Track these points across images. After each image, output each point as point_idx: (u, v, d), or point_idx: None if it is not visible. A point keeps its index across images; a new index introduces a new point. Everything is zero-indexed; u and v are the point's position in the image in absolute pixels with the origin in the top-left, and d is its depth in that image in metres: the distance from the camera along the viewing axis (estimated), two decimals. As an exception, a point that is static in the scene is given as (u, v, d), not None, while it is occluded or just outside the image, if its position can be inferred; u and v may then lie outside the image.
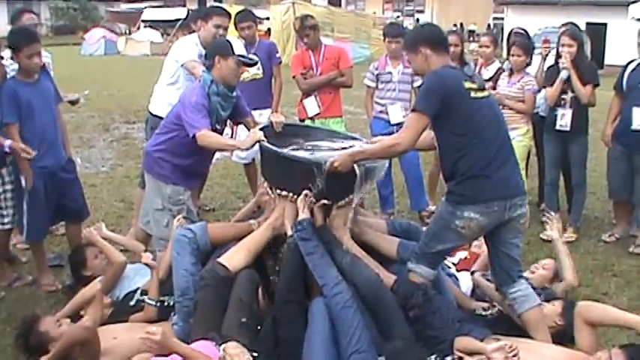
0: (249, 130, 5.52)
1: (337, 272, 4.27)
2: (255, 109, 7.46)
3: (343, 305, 4.06)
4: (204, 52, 6.15)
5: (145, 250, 5.11)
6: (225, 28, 6.41)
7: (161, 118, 6.00)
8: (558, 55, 6.82)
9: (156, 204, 5.45)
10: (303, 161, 4.69)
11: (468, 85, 4.24)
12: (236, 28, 7.60)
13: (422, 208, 7.47)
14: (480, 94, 4.28)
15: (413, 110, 4.29)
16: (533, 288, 4.64)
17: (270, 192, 4.91)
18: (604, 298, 5.53)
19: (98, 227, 5.32)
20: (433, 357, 3.91)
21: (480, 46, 7.93)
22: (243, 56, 5.24)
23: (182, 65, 6.31)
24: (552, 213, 5.84)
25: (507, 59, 7.46)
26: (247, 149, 5.10)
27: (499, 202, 4.20)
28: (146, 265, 4.90)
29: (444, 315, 4.18)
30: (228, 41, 5.35)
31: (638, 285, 5.82)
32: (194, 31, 6.64)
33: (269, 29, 29.02)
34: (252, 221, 4.95)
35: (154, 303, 4.66)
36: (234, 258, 4.46)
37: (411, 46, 4.52)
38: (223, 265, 4.37)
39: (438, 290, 4.52)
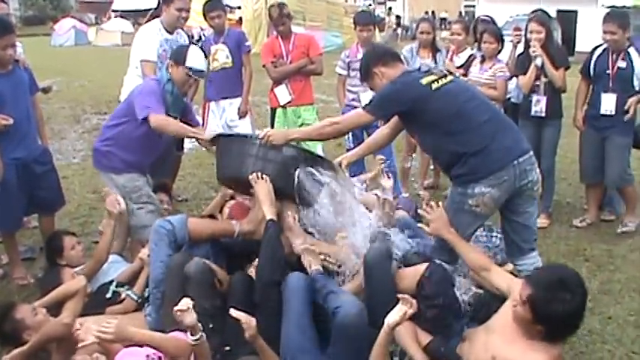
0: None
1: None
2: (225, 97, 7.49)
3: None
4: (168, 36, 6.28)
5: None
6: (187, 10, 6.48)
7: None
8: (527, 43, 6.86)
9: None
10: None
11: (426, 80, 4.30)
12: (205, 17, 7.60)
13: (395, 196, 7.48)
14: (443, 81, 4.31)
15: (364, 108, 4.43)
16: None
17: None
18: (576, 282, 5.59)
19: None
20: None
21: (452, 34, 7.94)
22: (192, 69, 5.20)
23: (140, 61, 6.35)
24: None
25: (479, 47, 7.50)
26: (209, 141, 5.03)
27: (507, 170, 4.16)
28: (140, 259, 4.84)
29: (452, 323, 4.00)
30: (187, 48, 5.32)
31: (610, 269, 5.88)
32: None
33: (240, 18, 28.91)
34: (233, 222, 4.84)
35: (136, 298, 4.64)
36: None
37: (365, 75, 4.65)
38: (190, 256, 4.35)
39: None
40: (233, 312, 3.75)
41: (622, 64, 6.51)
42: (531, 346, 3.39)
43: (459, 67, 7.43)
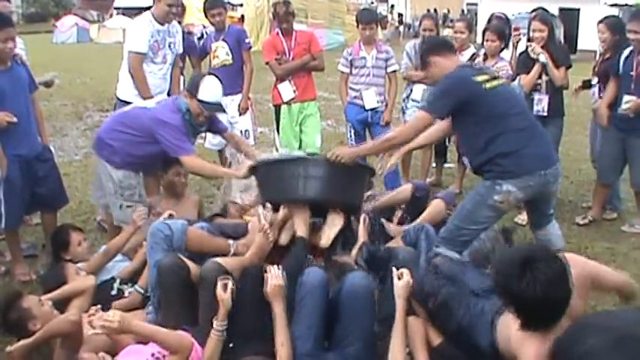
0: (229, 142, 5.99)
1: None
2: (226, 95, 7.52)
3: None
4: (160, 27, 6.44)
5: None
6: (178, 6, 6.65)
7: (129, 102, 6.09)
8: (530, 41, 6.85)
9: (108, 188, 5.48)
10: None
11: (479, 78, 4.47)
12: (206, 15, 7.73)
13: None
14: (494, 83, 4.51)
15: (422, 108, 4.64)
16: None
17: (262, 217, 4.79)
18: (578, 280, 5.59)
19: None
20: None
21: (455, 32, 7.95)
22: (203, 102, 5.21)
23: (129, 52, 6.42)
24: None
25: (482, 44, 7.51)
26: (244, 177, 5.20)
27: (534, 177, 4.39)
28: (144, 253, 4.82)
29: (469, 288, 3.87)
30: (201, 79, 5.31)
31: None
32: (181, 14, 6.86)
33: (243, 16, 28.92)
34: (230, 241, 4.81)
35: (142, 292, 4.67)
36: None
37: (423, 62, 4.86)
38: (181, 259, 4.35)
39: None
40: (269, 267, 3.98)
41: None
42: (527, 332, 3.06)
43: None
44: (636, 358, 1.28)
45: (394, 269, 3.98)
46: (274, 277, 3.94)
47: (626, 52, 6.58)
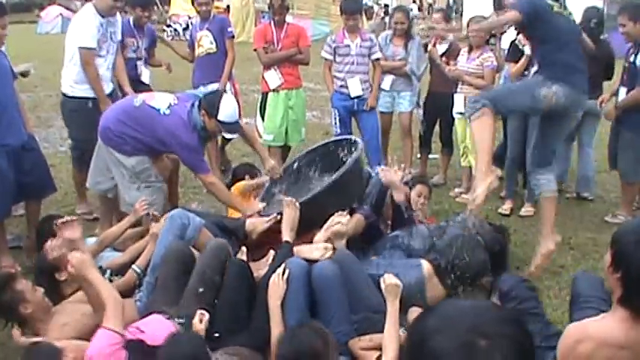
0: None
1: None
2: (211, 82, 7.71)
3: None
4: (102, 20, 6.35)
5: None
6: (122, 0, 6.61)
7: (77, 98, 6.41)
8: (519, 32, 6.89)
9: (120, 175, 5.51)
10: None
11: (550, 3, 5.30)
12: (193, 3, 7.94)
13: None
14: (562, 12, 5.36)
15: (512, 7, 5.32)
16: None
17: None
18: (561, 270, 5.63)
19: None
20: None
21: (433, 22, 8.07)
22: (223, 123, 5.28)
23: (79, 48, 6.35)
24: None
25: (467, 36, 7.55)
26: (250, 216, 5.31)
27: (573, 90, 5.17)
28: (155, 235, 4.80)
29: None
30: (219, 99, 5.33)
31: (594, 257, 5.90)
32: (151, 8, 6.86)
33: (228, 6, 28.82)
34: None
35: (139, 271, 4.68)
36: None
37: (499, 8, 5.75)
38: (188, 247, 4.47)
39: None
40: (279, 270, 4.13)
41: (634, 58, 6.46)
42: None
43: (441, 55, 7.52)
44: (452, 339, 1.47)
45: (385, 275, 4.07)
46: (278, 277, 4.06)
47: (628, 44, 6.66)
